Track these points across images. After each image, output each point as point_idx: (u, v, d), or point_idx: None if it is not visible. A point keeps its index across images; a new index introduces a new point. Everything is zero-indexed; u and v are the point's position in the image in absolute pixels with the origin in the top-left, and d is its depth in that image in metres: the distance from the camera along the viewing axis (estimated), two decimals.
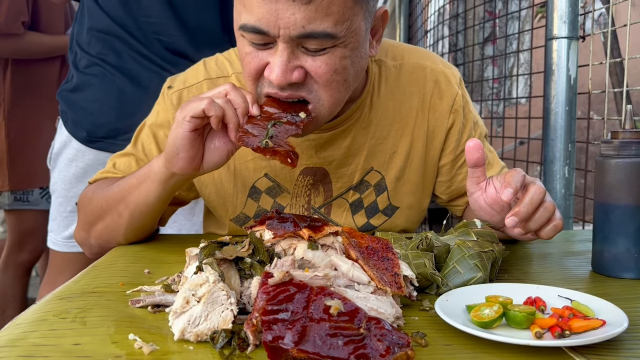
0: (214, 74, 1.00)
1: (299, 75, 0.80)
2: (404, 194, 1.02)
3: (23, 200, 2.14)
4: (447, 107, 1.00)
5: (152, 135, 1.00)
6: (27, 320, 0.61)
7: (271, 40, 0.79)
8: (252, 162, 0.99)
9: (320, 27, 0.76)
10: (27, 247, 2.24)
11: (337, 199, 1.01)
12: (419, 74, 1.00)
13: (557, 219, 0.78)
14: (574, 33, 1.35)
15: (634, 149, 0.78)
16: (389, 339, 0.52)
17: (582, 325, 0.57)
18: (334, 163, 0.98)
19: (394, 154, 1.00)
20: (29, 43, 2.01)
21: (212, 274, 0.59)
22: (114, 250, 0.93)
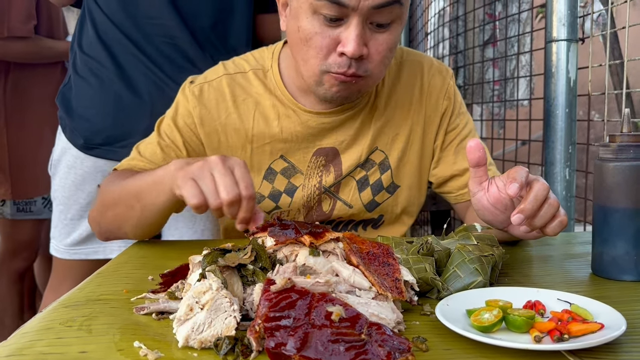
0: (231, 70, 1.10)
1: (365, 51, 0.92)
2: (405, 173, 1.14)
3: (26, 211, 2.14)
4: (441, 95, 1.14)
5: (173, 124, 1.08)
6: (33, 329, 0.62)
7: (345, 14, 0.89)
8: (269, 146, 1.09)
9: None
10: (22, 255, 2.25)
11: (345, 177, 1.11)
12: (417, 69, 1.14)
13: (562, 215, 0.79)
14: (573, 35, 1.36)
15: (632, 152, 0.79)
16: (390, 345, 0.53)
17: (580, 329, 0.58)
18: (344, 143, 1.10)
19: (396, 136, 1.12)
20: (37, 46, 2.02)
21: (215, 282, 0.60)
22: (117, 257, 0.94)
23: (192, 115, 1.07)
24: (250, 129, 1.08)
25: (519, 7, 1.77)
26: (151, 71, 1.33)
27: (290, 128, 1.07)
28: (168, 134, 1.07)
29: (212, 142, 1.08)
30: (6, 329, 2.26)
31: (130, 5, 1.33)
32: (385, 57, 0.96)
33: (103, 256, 1.41)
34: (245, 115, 1.08)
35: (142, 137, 1.30)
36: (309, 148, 1.09)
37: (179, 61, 1.34)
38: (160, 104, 1.32)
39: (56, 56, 2.09)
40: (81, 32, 1.38)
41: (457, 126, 1.14)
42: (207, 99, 1.07)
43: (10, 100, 2.08)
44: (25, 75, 2.08)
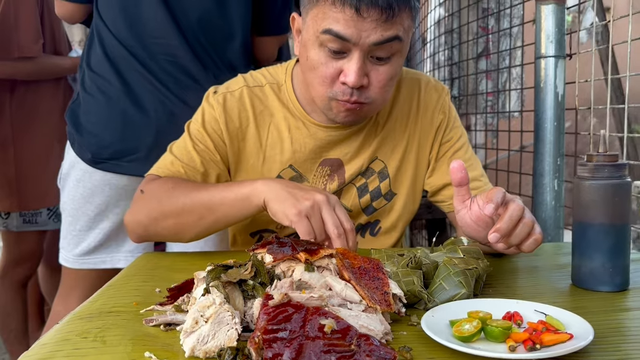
0: (251, 83, 1.18)
1: (366, 80, 1.01)
2: (402, 182, 1.21)
3: (31, 222, 2.18)
4: (437, 110, 1.21)
5: (203, 130, 1.15)
6: (52, 340, 0.67)
7: (347, 48, 0.98)
8: (280, 156, 1.16)
9: (393, 33, 0.97)
10: (26, 264, 2.30)
11: (347, 184, 1.19)
12: (415, 86, 1.22)
13: (537, 234, 0.84)
14: (560, 52, 1.41)
15: (607, 171, 0.84)
16: (377, 354, 0.58)
17: (552, 339, 0.63)
18: (349, 155, 1.18)
19: (395, 147, 1.20)
20: (44, 65, 2.06)
21: (218, 296, 0.65)
22: (126, 270, 1.00)
23: (219, 121, 1.14)
24: (265, 139, 1.16)
25: (510, 22, 1.83)
26: (156, 88, 1.38)
27: (300, 139, 1.15)
28: (200, 139, 1.14)
29: (233, 147, 1.16)
30: (12, 332, 2.32)
31: (135, 24, 1.39)
32: (386, 86, 1.03)
33: (110, 265, 1.46)
34: (261, 125, 1.16)
35: (148, 151, 1.36)
36: (316, 159, 1.17)
37: (182, 79, 1.40)
38: (164, 120, 1.38)
39: (61, 72, 2.14)
40: (90, 51, 1.44)
41: (451, 139, 1.22)
42: (230, 108, 1.15)
43: (16, 115, 2.12)
44: (31, 90, 2.12)
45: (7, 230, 2.19)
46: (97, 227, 1.43)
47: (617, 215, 0.84)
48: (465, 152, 1.23)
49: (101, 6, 1.42)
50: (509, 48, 1.95)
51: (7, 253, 2.27)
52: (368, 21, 0.95)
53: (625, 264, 0.86)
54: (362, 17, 0.94)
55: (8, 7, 1.96)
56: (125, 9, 1.38)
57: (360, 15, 0.94)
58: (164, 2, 1.37)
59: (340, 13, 0.95)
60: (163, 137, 1.36)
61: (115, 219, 1.43)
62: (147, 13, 1.38)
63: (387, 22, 0.95)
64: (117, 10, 1.39)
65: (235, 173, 1.18)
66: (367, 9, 0.94)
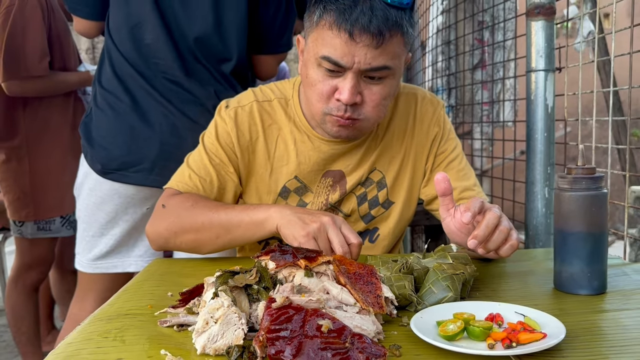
0: (260, 98, 1.26)
1: (359, 98, 1.08)
2: (399, 192, 1.28)
3: (45, 230, 2.27)
4: (432, 123, 1.29)
5: (217, 143, 1.22)
6: (76, 340, 0.75)
7: (342, 70, 1.06)
8: (286, 167, 1.24)
9: (382, 63, 1.05)
10: (38, 269, 2.39)
11: (348, 194, 1.26)
12: (411, 100, 1.30)
13: (513, 239, 0.92)
14: (550, 66, 1.48)
15: (584, 183, 0.91)
16: (369, 351, 0.65)
17: (527, 338, 0.70)
18: (350, 167, 1.25)
19: (393, 159, 1.27)
20: (52, 82, 2.14)
21: (226, 300, 0.73)
22: (139, 275, 1.07)
23: (230, 135, 1.21)
24: (273, 151, 1.24)
25: (504, 35, 1.89)
26: (160, 104, 1.47)
27: (305, 152, 1.23)
28: (215, 152, 1.22)
29: (244, 159, 1.23)
30: (24, 335, 2.40)
31: (140, 46, 1.48)
32: (379, 105, 1.10)
33: (121, 270, 1.54)
34: (269, 138, 1.24)
35: (152, 163, 1.45)
36: (320, 170, 1.24)
37: (183, 95, 1.48)
38: (167, 133, 1.46)
39: (70, 88, 2.22)
40: (101, 69, 1.53)
41: (445, 150, 1.29)
42: (240, 122, 1.22)
43: (29, 129, 2.20)
44: (43, 105, 2.20)
45: (22, 236, 2.28)
46: (108, 234, 1.51)
47: (595, 224, 0.91)
48: (459, 162, 1.30)
49: (112, 29, 1.51)
50: (502, 60, 2.01)
51: (20, 258, 2.35)
52: (360, 46, 1.02)
53: (603, 269, 0.92)
54: (354, 42, 1.02)
55: (15, 28, 2.03)
56: (131, 32, 1.48)
57: (354, 40, 1.02)
58: (165, 26, 1.46)
59: (337, 38, 1.03)
60: (166, 149, 1.44)
61: (124, 225, 1.51)
62: (151, 36, 1.47)
63: (378, 48, 1.03)
64: (125, 33, 1.48)
65: (246, 183, 1.25)
66: (359, 34, 1.01)
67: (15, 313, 2.37)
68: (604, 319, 0.83)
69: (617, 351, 0.71)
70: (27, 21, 2.05)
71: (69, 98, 2.26)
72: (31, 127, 2.20)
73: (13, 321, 2.38)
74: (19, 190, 2.21)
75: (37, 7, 2.06)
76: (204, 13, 1.48)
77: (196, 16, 1.48)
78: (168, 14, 1.47)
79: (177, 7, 1.47)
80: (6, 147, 2.20)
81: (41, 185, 2.22)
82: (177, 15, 1.47)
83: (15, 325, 2.38)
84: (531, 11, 1.47)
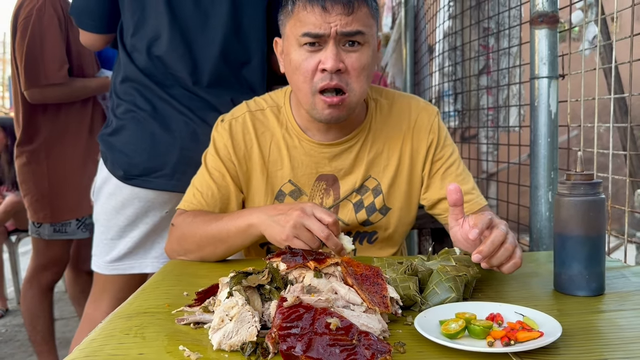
0: (253, 108, 1.33)
1: (342, 65, 1.14)
2: (396, 197, 1.32)
3: (61, 232, 2.34)
4: (427, 130, 1.33)
5: (217, 158, 1.30)
6: (100, 336, 0.79)
7: (322, 41, 1.13)
8: (281, 171, 1.30)
9: (355, 28, 1.13)
10: (53, 269, 2.46)
11: (343, 200, 1.31)
12: (405, 108, 1.34)
13: (517, 258, 0.95)
14: (553, 73, 1.51)
15: (583, 189, 0.94)
16: (374, 348, 0.69)
17: (525, 336, 0.74)
18: (342, 171, 1.30)
19: (387, 166, 1.31)
20: (71, 89, 2.21)
21: (240, 299, 0.77)
22: (155, 276, 1.12)
23: (227, 147, 1.29)
24: (267, 157, 1.30)
25: (509, 42, 1.93)
26: (180, 112, 1.51)
27: (297, 157, 1.29)
28: (215, 166, 1.30)
29: (242, 167, 1.30)
30: (39, 334, 2.47)
31: (158, 58, 1.52)
32: (360, 74, 1.16)
33: (138, 271, 1.59)
34: (263, 144, 1.30)
35: (172, 169, 1.49)
36: (312, 174, 1.29)
37: (203, 104, 1.52)
38: (187, 139, 1.51)
39: (89, 94, 2.29)
40: (116, 81, 1.58)
41: (442, 156, 1.33)
42: (235, 132, 1.30)
43: (49, 132, 2.28)
44: (62, 110, 2.27)
45: (39, 237, 2.34)
46: (127, 236, 1.56)
47: (593, 228, 0.95)
48: (456, 167, 1.34)
49: (126, 42, 1.55)
50: (507, 67, 2.05)
51: (36, 259, 2.41)
52: (333, 15, 1.11)
53: (601, 271, 0.96)
54: (328, 13, 1.11)
55: (33, 39, 2.11)
56: (148, 45, 1.52)
57: (327, 11, 1.11)
58: (182, 39, 1.51)
59: (312, 14, 1.12)
60: (186, 154, 1.49)
61: (144, 228, 1.56)
62: (167, 49, 1.51)
63: (349, 16, 1.12)
64: (141, 47, 1.52)
65: (247, 190, 1.31)
66: (331, 5, 1.12)
67: (31, 312, 2.43)
68: (600, 319, 0.87)
69: (611, 349, 0.75)
70: (44, 31, 2.12)
71: (87, 103, 2.33)
72: (50, 131, 2.28)
73: (29, 320, 2.44)
74: (37, 192, 2.28)
75: (54, 16, 2.13)
76: (222, 21, 1.52)
77: (214, 25, 1.52)
78: (185, 27, 1.51)
79: (194, 19, 1.51)
80: (27, 151, 2.28)
81: (58, 188, 2.29)
82: (194, 27, 1.51)
83: (30, 324, 2.44)
84: (535, 19, 1.51)
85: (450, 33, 2.39)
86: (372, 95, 1.34)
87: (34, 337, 2.48)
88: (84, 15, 1.60)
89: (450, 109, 2.51)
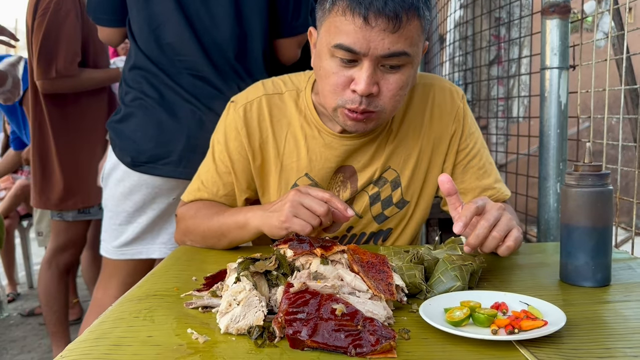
0: (270, 90, 1.23)
1: (376, 89, 1.03)
2: (414, 190, 1.24)
3: (85, 213, 2.44)
4: (451, 118, 1.23)
5: (225, 149, 1.23)
6: (109, 319, 0.81)
7: (358, 58, 1.01)
8: (296, 164, 1.21)
9: (400, 48, 1.00)
10: (71, 251, 2.52)
11: (360, 192, 1.23)
12: (428, 92, 1.23)
13: (510, 241, 0.94)
14: (564, 64, 1.51)
15: (591, 180, 0.94)
16: (379, 333, 0.70)
17: (529, 325, 0.74)
18: (361, 163, 1.22)
19: (408, 156, 1.22)
20: (82, 80, 2.27)
21: (247, 284, 0.78)
22: (165, 260, 1.13)
23: (240, 136, 1.21)
24: (282, 148, 1.21)
25: (520, 32, 1.91)
26: (186, 100, 1.52)
27: (316, 149, 1.20)
28: (222, 160, 1.24)
29: (255, 160, 1.22)
30: (55, 314, 2.53)
31: (164, 45, 1.53)
32: (396, 95, 1.05)
33: (146, 256, 1.61)
34: (278, 134, 1.21)
35: (179, 156, 1.50)
36: (331, 167, 1.20)
37: (208, 90, 1.53)
38: (194, 126, 1.52)
39: (100, 84, 2.36)
40: (126, 70, 1.60)
41: (467, 146, 1.24)
42: (250, 118, 1.21)
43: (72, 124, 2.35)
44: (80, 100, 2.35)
45: (62, 220, 2.42)
46: (135, 222, 1.58)
47: (600, 219, 0.95)
48: (479, 159, 1.25)
49: (134, 31, 1.57)
50: (517, 57, 2.04)
51: (56, 240, 2.48)
52: (376, 30, 0.97)
53: (607, 263, 0.96)
54: (370, 27, 0.97)
55: (49, 32, 2.18)
56: (154, 32, 1.53)
57: (369, 24, 0.97)
58: (188, 24, 1.51)
59: (351, 24, 0.98)
60: (193, 142, 1.50)
61: (151, 214, 1.57)
62: (174, 34, 1.52)
63: (395, 33, 0.98)
64: (147, 34, 1.54)
65: (262, 184, 1.25)
66: (375, 18, 0.96)
67: (48, 293, 2.49)
68: (605, 309, 0.87)
69: (615, 339, 0.75)
70: (60, 25, 2.18)
71: (102, 94, 2.39)
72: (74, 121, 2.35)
73: (45, 300, 2.50)
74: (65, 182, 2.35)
75: (72, 9, 2.19)
76: (226, 7, 1.52)
77: (218, 10, 1.52)
78: (190, 11, 1.52)
79: (198, 3, 1.52)
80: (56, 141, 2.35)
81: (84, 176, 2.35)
82: (199, 11, 1.52)
83: (47, 304, 2.50)
84: (546, 9, 1.50)
85: (461, 22, 2.38)
86: None
87: (50, 318, 2.53)
88: (98, 10, 1.62)
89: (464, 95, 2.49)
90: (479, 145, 1.26)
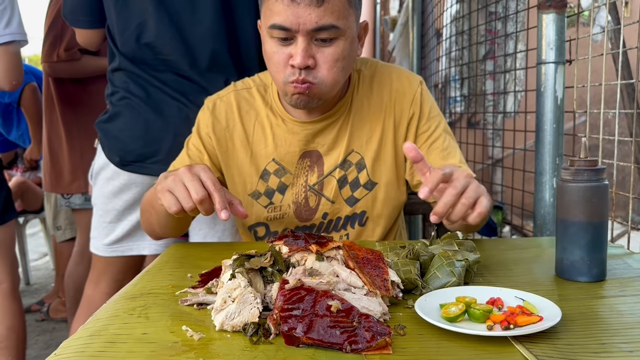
0: (239, 87, 1.33)
1: (312, 62, 1.10)
2: (381, 172, 1.29)
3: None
4: (409, 102, 1.28)
5: (197, 134, 1.32)
6: (104, 316, 0.81)
7: (292, 35, 1.09)
8: (264, 150, 1.29)
9: (328, 22, 1.07)
10: None
11: (327, 176, 1.29)
12: (387, 78, 1.30)
13: (481, 207, 0.92)
14: (560, 58, 1.50)
15: (586, 175, 0.94)
16: (374, 330, 0.70)
17: (525, 320, 0.74)
18: (325, 146, 1.28)
19: (370, 138, 1.28)
20: (82, 66, 2.38)
21: (242, 280, 0.78)
22: (159, 258, 1.13)
23: (207, 126, 1.30)
24: (251, 136, 1.30)
25: (516, 27, 1.91)
26: (172, 97, 1.52)
27: (281, 135, 1.28)
28: (194, 143, 1.31)
29: (221, 147, 1.30)
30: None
31: (146, 45, 1.51)
32: (333, 67, 1.12)
33: (136, 252, 1.62)
34: (247, 124, 1.30)
35: (167, 154, 1.51)
36: (296, 152, 1.28)
37: (196, 88, 1.53)
38: (181, 125, 1.51)
39: (101, 71, 2.40)
40: (110, 67, 1.58)
41: (428, 129, 1.28)
42: (218, 112, 1.31)
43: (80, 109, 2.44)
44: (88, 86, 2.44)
45: (70, 207, 2.47)
46: (125, 219, 1.58)
47: (595, 214, 0.95)
48: (442, 141, 1.28)
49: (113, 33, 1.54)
50: (513, 52, 2.03)
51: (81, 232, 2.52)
52: (302, 6, 1.05)
53: (602, 258, 0.96)
54: (296, 3, 1.05)
55: (57, 17, 2.27)
56: (135, 32, 1.50)
57: (295, 2, 1.05)
58: (170, 22, 1.49)
59: (280, 4, 1.07)
60: (180, 140, 1.50)
61: None
62: (156, 34, 1.49)
63: (320, 7, 1.05)
64: (128, 35, 1.51)
65: (227, 170, 1.31)
66: None
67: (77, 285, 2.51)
68: (600, 304, 0.87)
69: (611, 334, 0.75)
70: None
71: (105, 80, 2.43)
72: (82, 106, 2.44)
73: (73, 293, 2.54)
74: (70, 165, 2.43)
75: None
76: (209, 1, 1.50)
77: (201, 3, 1.50)
78: (171, 9, 1.49)
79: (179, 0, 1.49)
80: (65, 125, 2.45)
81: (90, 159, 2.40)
82: (181, 8, 1.49)
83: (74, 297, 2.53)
84: (542, 4, 1.49)
85: (457, 17, 2.37)
86: (356, 66, 1.30)
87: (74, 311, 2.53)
88: (78, 12, 1.58)
89: (457, 94, 2.49)
90: (440, 130, 1.29)
